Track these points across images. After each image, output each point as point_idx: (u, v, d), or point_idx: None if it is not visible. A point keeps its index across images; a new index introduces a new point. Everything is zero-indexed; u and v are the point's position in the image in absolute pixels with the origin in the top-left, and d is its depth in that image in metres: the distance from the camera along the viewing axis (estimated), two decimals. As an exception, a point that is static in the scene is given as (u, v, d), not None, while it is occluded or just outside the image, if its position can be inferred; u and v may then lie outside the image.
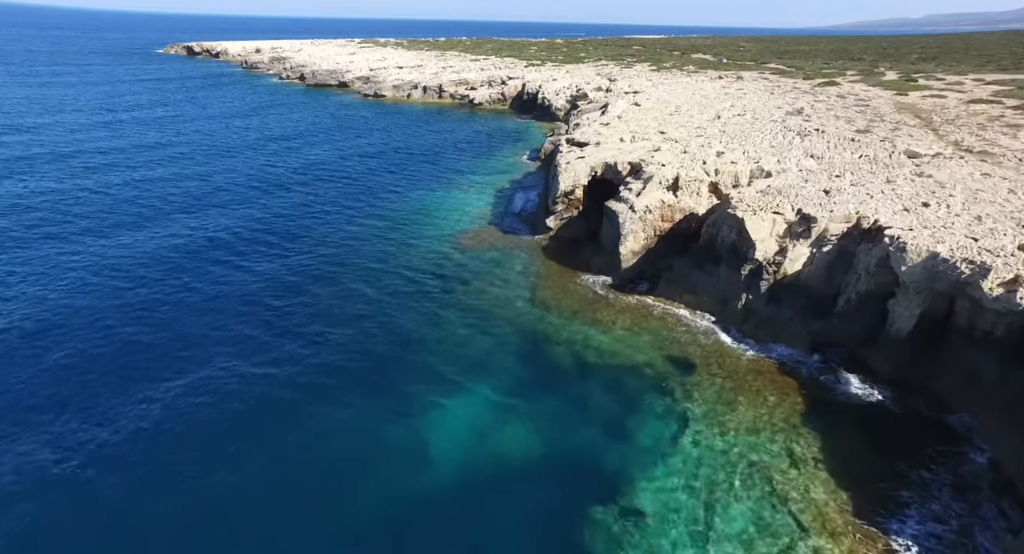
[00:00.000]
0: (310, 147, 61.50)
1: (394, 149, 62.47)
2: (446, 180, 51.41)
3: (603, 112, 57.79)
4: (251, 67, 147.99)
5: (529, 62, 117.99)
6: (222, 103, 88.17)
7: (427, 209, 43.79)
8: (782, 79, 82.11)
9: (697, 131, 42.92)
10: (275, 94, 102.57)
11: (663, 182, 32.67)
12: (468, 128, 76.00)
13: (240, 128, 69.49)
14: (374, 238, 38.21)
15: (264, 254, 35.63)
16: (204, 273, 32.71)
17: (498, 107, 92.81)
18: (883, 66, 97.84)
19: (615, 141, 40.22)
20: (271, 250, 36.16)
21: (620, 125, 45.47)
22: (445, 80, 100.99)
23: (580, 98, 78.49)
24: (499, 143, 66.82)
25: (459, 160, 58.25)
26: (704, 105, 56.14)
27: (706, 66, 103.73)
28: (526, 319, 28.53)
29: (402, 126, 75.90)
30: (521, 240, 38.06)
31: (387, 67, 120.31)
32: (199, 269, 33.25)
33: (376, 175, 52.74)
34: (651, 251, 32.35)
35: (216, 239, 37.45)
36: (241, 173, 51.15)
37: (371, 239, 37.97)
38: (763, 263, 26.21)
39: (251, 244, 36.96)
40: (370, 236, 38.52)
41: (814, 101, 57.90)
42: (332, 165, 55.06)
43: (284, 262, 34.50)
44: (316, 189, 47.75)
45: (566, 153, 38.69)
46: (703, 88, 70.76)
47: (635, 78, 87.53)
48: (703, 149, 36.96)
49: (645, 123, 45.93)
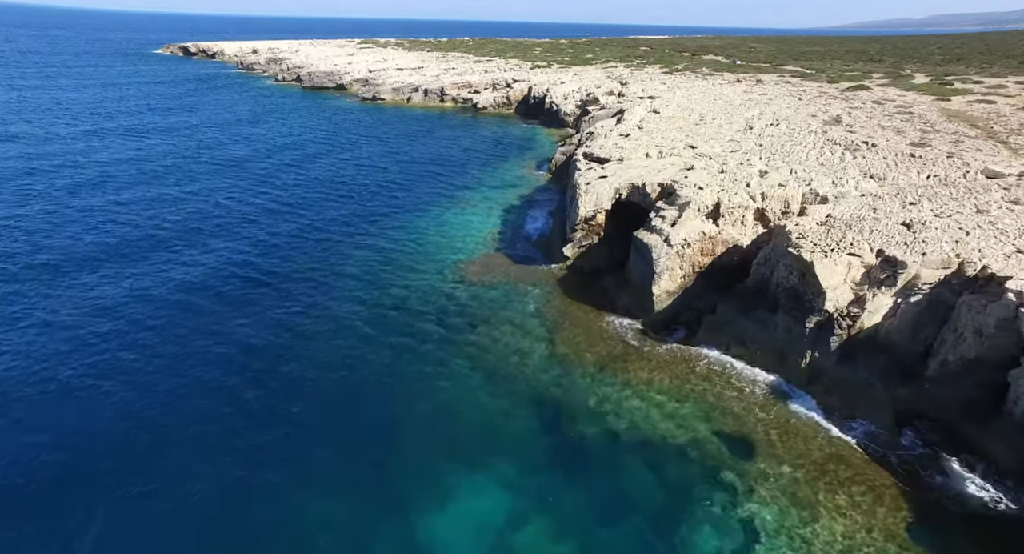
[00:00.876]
0: (301, 162, 56.46)
1: (393, 160, 57.71)
2: (449, 196, 46.64)
3: (619, 120, 53.06)
4: (247, 68, 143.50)
5: (535, 64, 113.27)
6: (212, 109, 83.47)
7: (429, 232, 39.02)
8: (805, 83, 77.26)
9: (731, 145, 38.13)
10: (269, 98, 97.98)
11: (702, 209, 27.89)
12: (472, 135, 71.27)
13: (228, 140, 64.33)
14: (369, 271, 33.40)
15: (242, 300, 30.81)
16: (169, 328, 27.91)
17: (503, 111, 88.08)
18: (908, 68, 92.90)
19: (640, 157, 35.44)
20: (252, 293, 31.26)
21: (642, 137, 40.70)
22: (447, 83, 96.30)
23: (591, 103, 73.75)
24: (505, 152, 62.07)
25: (463, 172, 53.50)
26: (730, 113, 51.33)
27: (720, 68, 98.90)
28: (543, 379, 23.77)
29: (401, 133, 71.16)
30: (534, 271, 33.29)
31: (387, 69, 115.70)
32: (166, 320, 28.52)
33: (373, 193, 47.94)
34: (688, 290, 27.57)
35: (187, 283, 32.46)
36: (224, 196, 45.46)
37: (366, 274, 33.13)
38: (834, 315, 21.41)
39: (229, 285, 32.17)
40: (365, 269, 33.70)
41: (849, 108, 53.06)
42: (325, 182, 50.19)
43: (260, 313, 29.47)
44: (306, 212, 42.84)
45: (585, 171, 33.92)
46: (724, 93, 65.94)
47: (648, 81, 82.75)
48: (743, 168, 32.16)
49: (670, 135, 41.14)
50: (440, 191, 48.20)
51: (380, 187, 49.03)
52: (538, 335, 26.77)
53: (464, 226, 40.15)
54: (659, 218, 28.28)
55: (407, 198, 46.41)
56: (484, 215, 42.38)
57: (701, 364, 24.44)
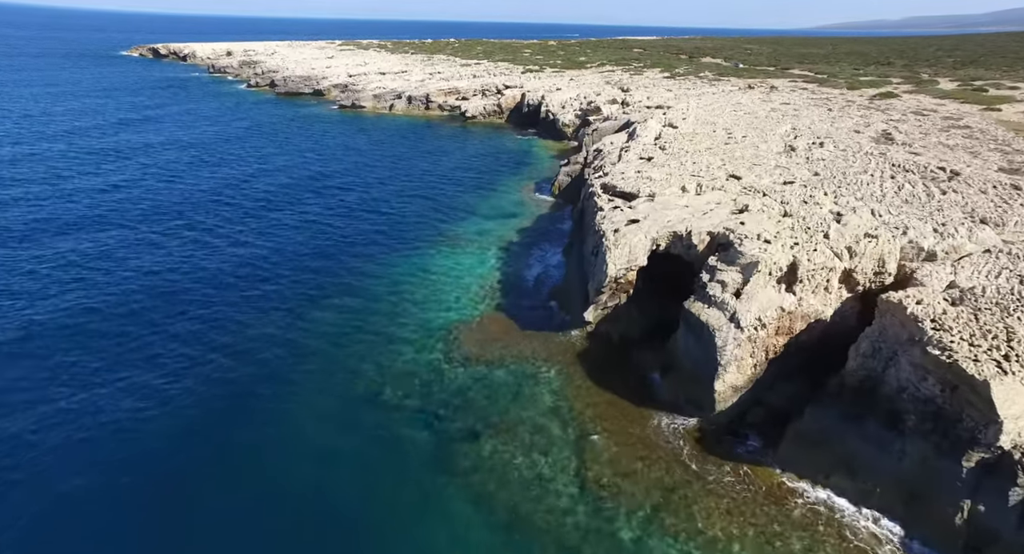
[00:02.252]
0: (265, 187, 47.90)
1: (372, 182, 50.32)
2: (438, 229, 39.40)
3: (631, 136, 46.28)
4: (218, 72, 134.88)
5: (526, 68, 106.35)
6: (172, 123, 74.92)
7: (414, 281, 31.79)
8: (822, 89, 71.20)
9: (779, 173, 31.41)
10: (239, 106, 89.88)
11: (773, 272, 21.05)
12: (461, 149, 64.07)
13: (180, 164, 54.42)
14: (335, 343, 26.05)
15: (166, 392, 23.51)
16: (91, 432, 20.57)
17: (494, 120, 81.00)
18: (925, 72, 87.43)
19: (674, 191, 28.54)
20: (180, 379, 24.02)
21: (669, 162, 33.83)
22: (432, 89, 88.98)
23: (592, 112, 66.98)
24: (499, 170, 54.98)
25: (453, 197, 46.28)
26: (759, 128, 44.75)
27: (725, 73, 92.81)
28: (576, 531, 16.74)
29: (383, 148, 63.69)
30: (548, 340, 26.22)
31: (367, 73, 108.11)
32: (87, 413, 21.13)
33: (348, 224, 40.52)
34: (758, 381, 20.72)
35: (104, 377, 25.20)
36: (164, 245, 36.12)
37: (330, 347, 25.76)
38: (1017, 458, 14.64)
39: (148, 373, 24.81)
40: (329, 340, 26.35)
41: (890, 120, 46.77)
42: (291, 213, 42.37)
43: (185, 421, 22.37)
44: (263, 253, 35.38)
45: (608, 212, 26.92)
46: (741, 103, 59.49)
47: (651, 88, 76.19)
48: (809, 208, 25.41)
49: (702, 159, 34.33)
50: (427, 222, 40.97)
51: (356, 218, 41.61)
52: (562, 451, 19.70)
53: (456, 272, 32.98)
54: (716, 283, 21.38)
55: (388, 232, 39.11)
56: (479, 256, 35.25)
57: (794, 503, 17.55)
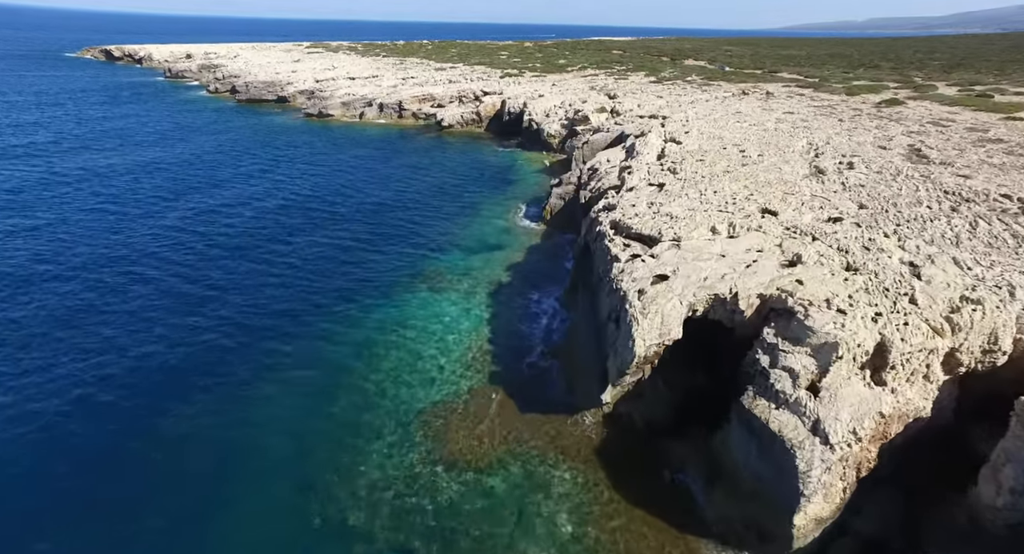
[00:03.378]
0: (215, 224, 40.96)
1: (338, 207, 44.33)
2: (413, 271, 33.69)
3: (630, 152, 41.34)
4: (176, 76, 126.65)
5: (504, 71, 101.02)
6: (116, 136, 67.75)
7: (385, 346, 26.08)
8: (819, 95, 67.39)
9: (818, 203, 26.59)
10: (197, 116, 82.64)
11: (858, 357, 16.06)
12: (438, 164, 58.39)
13: (118, 184, 47.28)
14: (286, 440, 20.32)
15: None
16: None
17: (472, 130, 75.50)
18: (916, 76, 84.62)
19: (702, 232, 23.44)
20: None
21: (687, 191, 28.75)
22: (406, 95, 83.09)
23: (579, 122, 61.99)
24: (481, 190, 49.50)
25: (430, 227, 40.61)
26: (772, 143, 40.15)
27: (713, 76, 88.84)
28: None
29: (352, 165, 57.57)
30: (555, 428, 20.85)
31: (336, 78, 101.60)
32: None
33: (306, 261, 34.58)
34: (847, 506, 15.68)
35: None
36: (76, 294, 30.00)
37: (277, 447, 20.03)
38: None
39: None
40: (279, 437, 20.62)
41: (909, 132, 42.63)
42: (241, 249, 35.89)
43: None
44: (205, 326, 29.01)
45: (627, 264, 21.68)
46: (741, 111, 55.07)
47: (640, 94, 71.54)
48: (873, 256, 20.56)
49: (723, 186, 29.36)
50: (402, 258, 35.28)
51: (320, 256, 35.64)
52: (591, 617, 14.42)
53: (438, 327, 27.41)
54: (782, 372, 16.29)
55: (357, 274, 33.28)
56: (464, 303, 29.74)
57: None
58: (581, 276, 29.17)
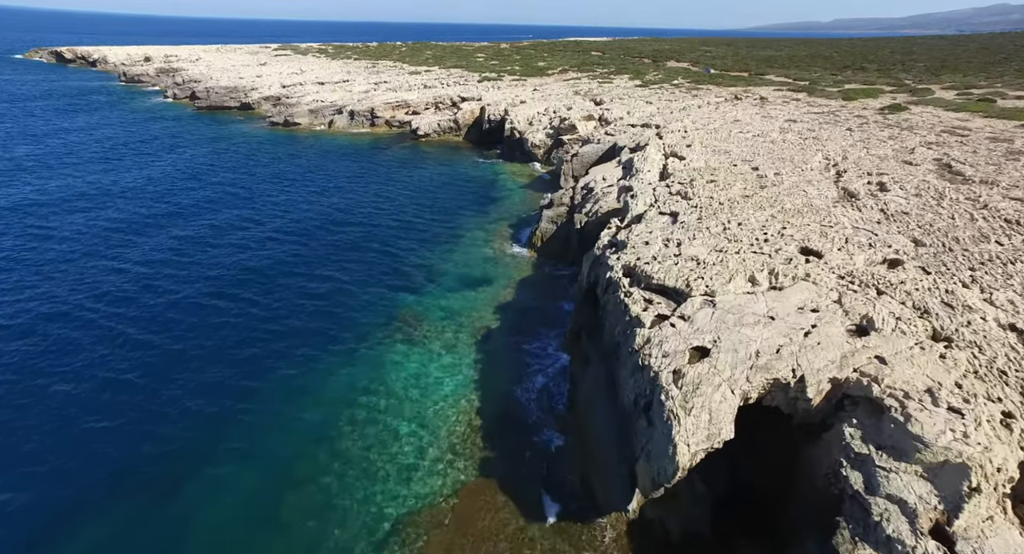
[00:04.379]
0: (155, 259, 35.64)
1: (298, 239, 39.00)
2: (387, 316, 28.79)
3: (628, 169, 37.16)
4: (132, 81, 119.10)
5: (482, 75, 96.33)
6: (58, 153, 61.30)
7: (352, 425, 21.26)
8: (816, 100, 64.25)
9: (865, 237, 22.53)
10: (149, 126, 76.20)
11: (999, 485, 11.83)
12: (414, 180, 53.47)
13: (54, 221, 41.52)
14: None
15: None
16: None
17: (450, 138, 70.65)
18: (907, 79, 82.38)
19: (740, 283, 19.11)
20: None
21: (707, 223, 24.45)
22: (378, 102, 77.86)
23: (565, 131, 57.69)
24: (462, 210, 44.76)
25: (404, 257, 35.70)
26: (784, 158, 36.28)
27: (700, 80, 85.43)
28: None
29: (318, 181, 52.28)
30: (566, 543, 16.35)
31: (304, 83, 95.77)
32: None
33: (261, 320, 29.30)
34: None
35: None
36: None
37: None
38: None
39: None
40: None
41: (929, 143, 39.21)
42: (186, 304, 31.00)
43: None
44: (137, 401, 24.06)
45: (653, 330, 17.24)
46: (740, 119, 51.33)
47: (628, 100, 67.55)
48: (960, 316, 16.49)
49: (745, 214, 25.15)
50: (372, 298, 30.35)
51: (279, 298, 30.49)
52: None
53: (413, 392, 22.65)
54: (889, 507, 11.99)
55: (315, 320, 28.27)
56: (446, 357, 25.03)
57: None
58: (585, 324, 24.74)
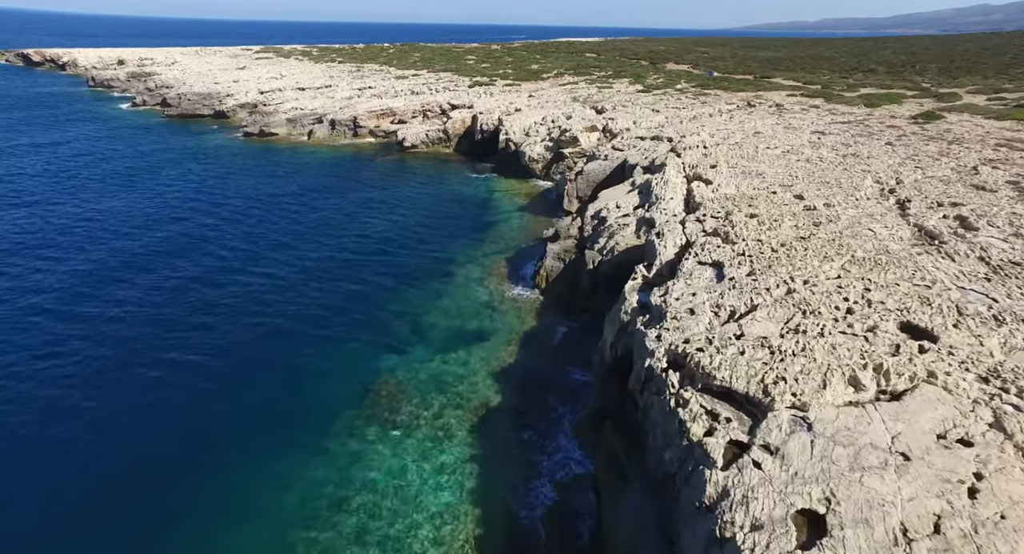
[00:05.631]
0: (83, 311, 30.73)
1: (260, 279, 33.21)
2: (361, 387, 23.18)
3: (645, 195, 32.01)
4: (100, 86, 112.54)
5: (473, 79, 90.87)
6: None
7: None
8: (835, 106, 59.42)
9: (986, 308, 17.30)
10: (113, 138, 70.04)
11: None
12: (397, 200, 47.93)
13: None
14: None
15: None
16: None
17: (439, 150, 65.14)
18: (924, 81, 77.86)
19: (838, 390, 13.76)
20: None
21: (764, 277, 19.13)
22: (362, 110, 72.21)
23: (566, 143, 52.39)
24: (453, 237, 39.28)
25: (383, 303, 30.05)
26: (827, 181, 31.14)
27: (705, 84, 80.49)
28: None
29: (290, 204, 46.41)
30: None
31: (283, 89, 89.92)
32: None
33: (211, 399, 23.77)
34: None
35: None
36: None
37: None
38: None
39: None
40: None
41: (988, 160, 34.17)
42: (109, 392, 25.44)
43: None
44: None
45: (727, 476, 11.92)
46: (760, 131, 46.24)
47: (631, 107, 62.35)
48: None
49: (810, 266, 19.84)
50: (344, 362, 24.77)
51: (227, 363, 24.83)
52: None
53: (400, 519, 17.18)
54: None
55: (277, 394, 22.68)
56: (432, 454, 19.55)
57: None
58: (610, 409, 19.47)
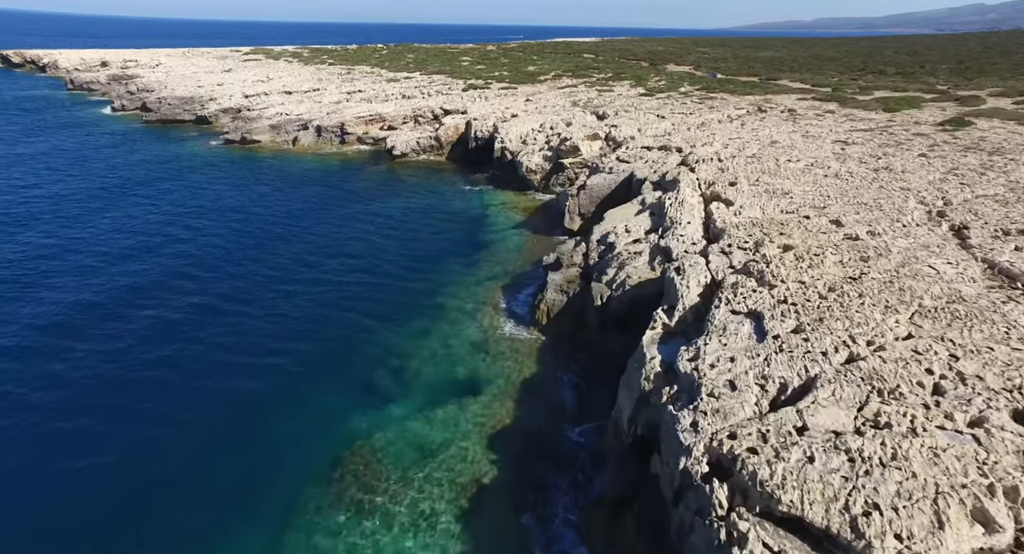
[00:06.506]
0: (26, 367, 27.09)
1: (224, 320, 29.31)
2: (321, 469, 19.51)
3: (656, 217, 28.46)
4: (79, 88, 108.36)
5: (468, 82, 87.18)
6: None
7: None
8: (851, 111, 55.94)
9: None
10: (85, 145, 66.02)
11: None
12: (384, 216, 44.20)
13: None
14: None
15: None
16: None
17: (431, 159, 61.45)
18: (938, 83, 74.50)
19: (961, 527, 10.25)
20: None
21: (827, 351, 15.55)
22: (349, 116, 68.45)
23: (566, 153, 48.78)
24: (443, 260, 35.60)
25: (360, 344, 26.29)
26: (863, 202, 27.60)
27: (710, 87, 77.02)
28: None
29: (261, 225, 42.36)
30: None
31: (269, 92, 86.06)
32: None
33: (122, 468, 20.16)
34: None
35: None
36: None
37: None
38: None
39: None
40: None
41: (1033, 178, 30.69)
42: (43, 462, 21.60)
43: None
44: None
45: None
46: (775, 138, 42.73)
47: (635, 113, 58.75)
48: None
49: (870, 320, 16.26)
50: (309, 426, 21.07)
51: (176, 429, 21.11)
52: None
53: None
54: None
55: (217, 469, 19.03)
56: (414, 549, 15.95)
57: None
58: (623, 496, 15.92)
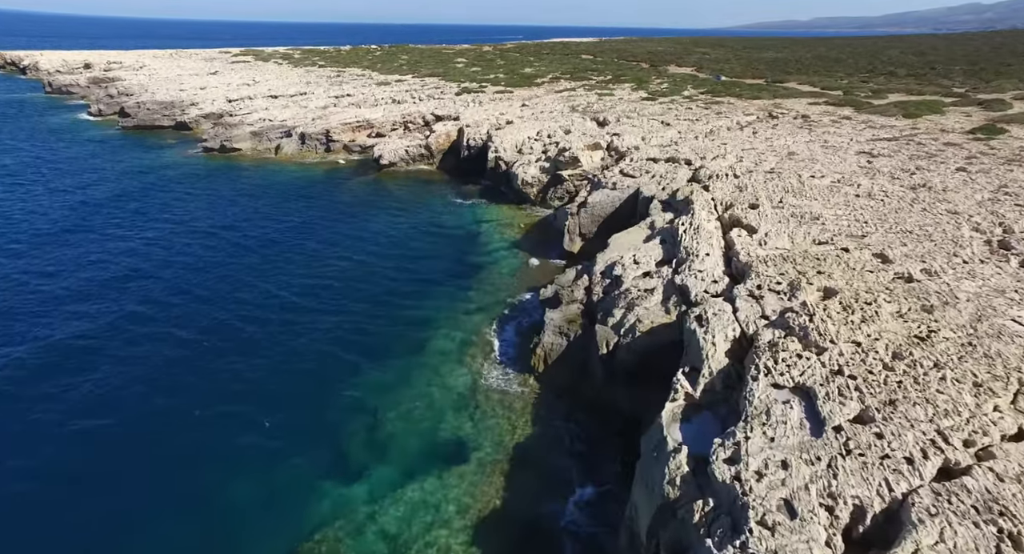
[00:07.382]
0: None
1: (184, 363, 25.70)
2: (295, 546, 16.00)
3: (672, 246, 24.83)
4: (58, 92, 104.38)
5: (461, 85, 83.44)
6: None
7: None
8: (869, 117, 52.45)
9: None
10: (56, 155, 62.11)
11: None
12: (368, 234, 40.50)
13: None
14: None
15: None
16: None
17: (420, 168, 57.74)
18: (954, 85, 71.01)
19: None
20: None
21: (897, 440, 11.95)
22: (335, 122, 64.69)
23: (565, 164, 45.13)
24: (430, 288, 31.93)
25: (327, 399, 22.62)
26: (908, 230, 24.04)
27: (715, 90, 73.41)
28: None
29: (232, 248, 38.61)
30: None
31: (254, 96, 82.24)
32: None
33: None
34: None
35: None
36: None
37: None
38: None
39: None
40: None
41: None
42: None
43: None
44: None
45: None
46: (793, 150, 39.16)
47: (638, 120, 55.10)
48: None
49: (955, 400, 12.74)
50: (261, 520, 17.37)
51: (124, 498, 17.52)
52: None
53: None
54: None
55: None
56: None
57: None
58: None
